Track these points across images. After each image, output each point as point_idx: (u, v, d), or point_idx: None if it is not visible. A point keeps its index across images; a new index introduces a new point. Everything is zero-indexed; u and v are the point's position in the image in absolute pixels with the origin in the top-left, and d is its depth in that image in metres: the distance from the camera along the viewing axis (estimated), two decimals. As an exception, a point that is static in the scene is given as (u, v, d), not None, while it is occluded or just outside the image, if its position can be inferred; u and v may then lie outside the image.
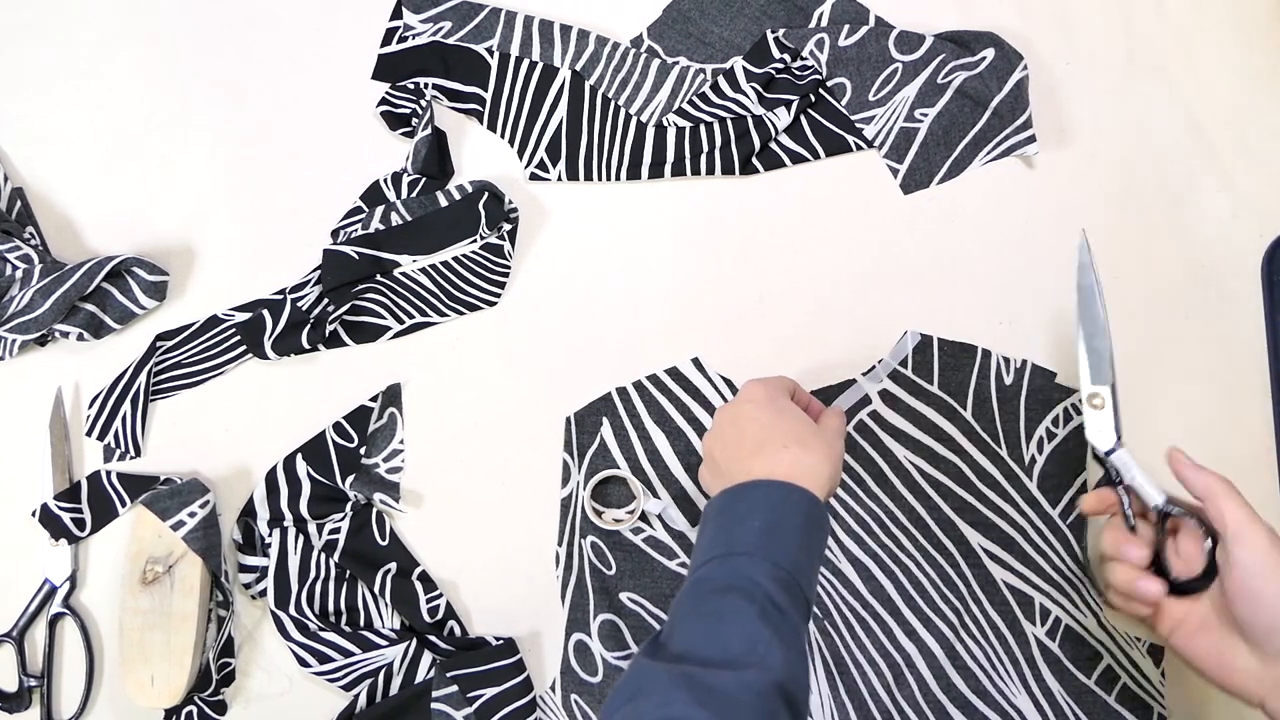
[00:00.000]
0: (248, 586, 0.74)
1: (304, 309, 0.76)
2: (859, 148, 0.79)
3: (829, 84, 0.79)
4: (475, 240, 0.78)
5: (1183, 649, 0.62)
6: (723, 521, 0.59)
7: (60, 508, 0.74)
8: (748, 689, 0.50)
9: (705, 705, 0.48)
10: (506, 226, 0.78)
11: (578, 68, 0.81)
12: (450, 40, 0.82)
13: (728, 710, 0.48)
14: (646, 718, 0.49)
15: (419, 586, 0.73)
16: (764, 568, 0.55)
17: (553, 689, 0.73)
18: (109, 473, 0.75)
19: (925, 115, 0.78)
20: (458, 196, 0.78)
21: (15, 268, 0.75)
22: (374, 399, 0.76)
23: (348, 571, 0.73)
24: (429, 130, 0.78)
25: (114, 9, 0.83)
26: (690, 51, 0.81)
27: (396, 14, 0.82)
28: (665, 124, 0.79)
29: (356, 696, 0.71)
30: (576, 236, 0.79)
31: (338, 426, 0.76)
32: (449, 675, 0.70)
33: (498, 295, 0.78)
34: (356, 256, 0.76)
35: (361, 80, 0.82)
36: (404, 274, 0.78)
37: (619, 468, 0.75)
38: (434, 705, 0.70)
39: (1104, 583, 0.66)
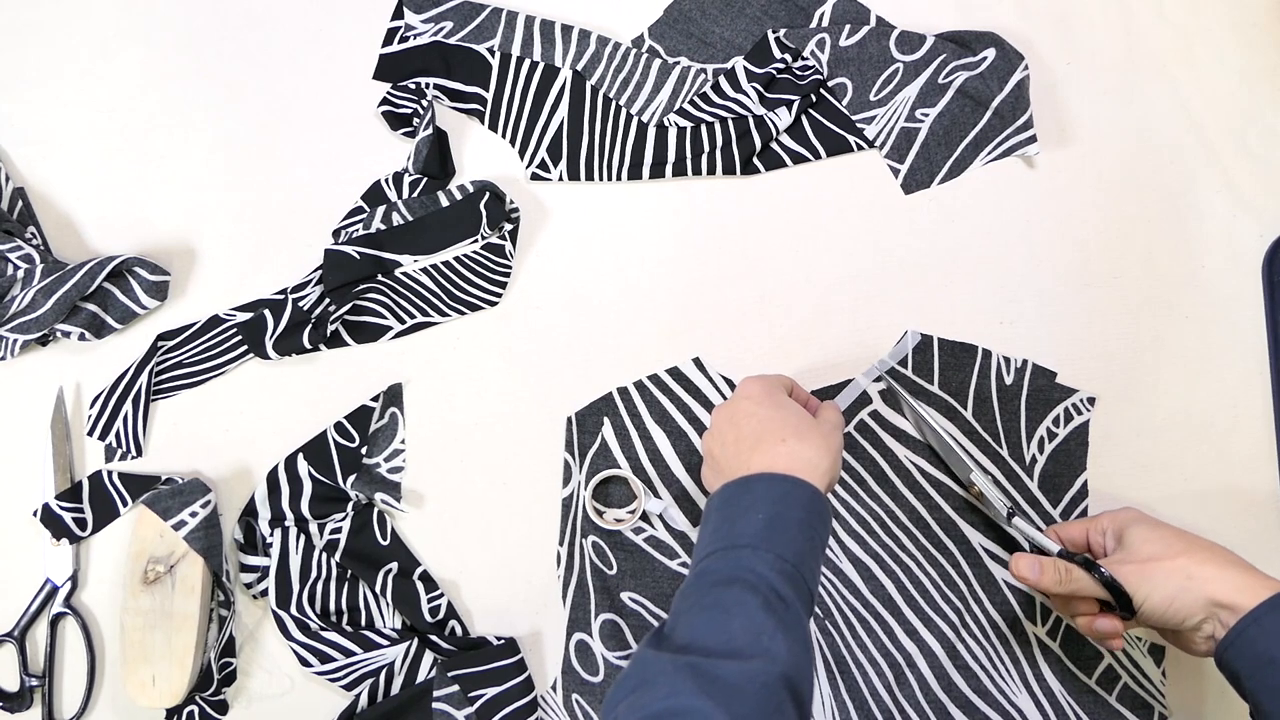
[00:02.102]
0: (249, 586, 0.74)
1: (305, 309, 0.76)
2: (860, 148, 0.79)
3: (830, 84, 0.79)
4: (476, 240, 0.78)
5: (1162, 636, 0.66)
6: (726, 514, 0.59)
7: (62, 507, 0.74)
8: (753, 679, 0.50)
9: (710, 695, 0.48)
10: (508, 226, 0.78)
11: (579, 68, 0.81)
12: (451, 40, 0.82)
13: (733, 700, 0.49)
14: (651, 708, 0.49)
15: (420, 586, 0.73)
16: (767, 560, 0.55)
17: (554, 689, 0.73)
18: (110, 472, 0.75)
19: (926, 115, 0.79)
20: (459, 196, 0.78)
21: (17, 267, 0.75)
22: (375, 399, 0.76)
23: (349, 571, 0.73)
24: (430, 130, 0.78)
25: (114, 9, 0.83)
26: (691, 51, 0.81)
27: (398, 14, 0.82)
28: (666, 124, 0.79)
29: (358, 696, 0.71)
30: (578, 236, 0.79)
31: (339, 426, 0.76)
32: (450, 675, 0.70)
33: (499, 295, 0.78)
34: (358, 256, 0.76)
35: (362, 80, 0.82)
36: (405, 274, 0.78)
37: (620, 467, 0.75)
38: (435, 705, 0.70)
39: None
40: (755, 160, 0.78)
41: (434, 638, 0.73)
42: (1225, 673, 0.59)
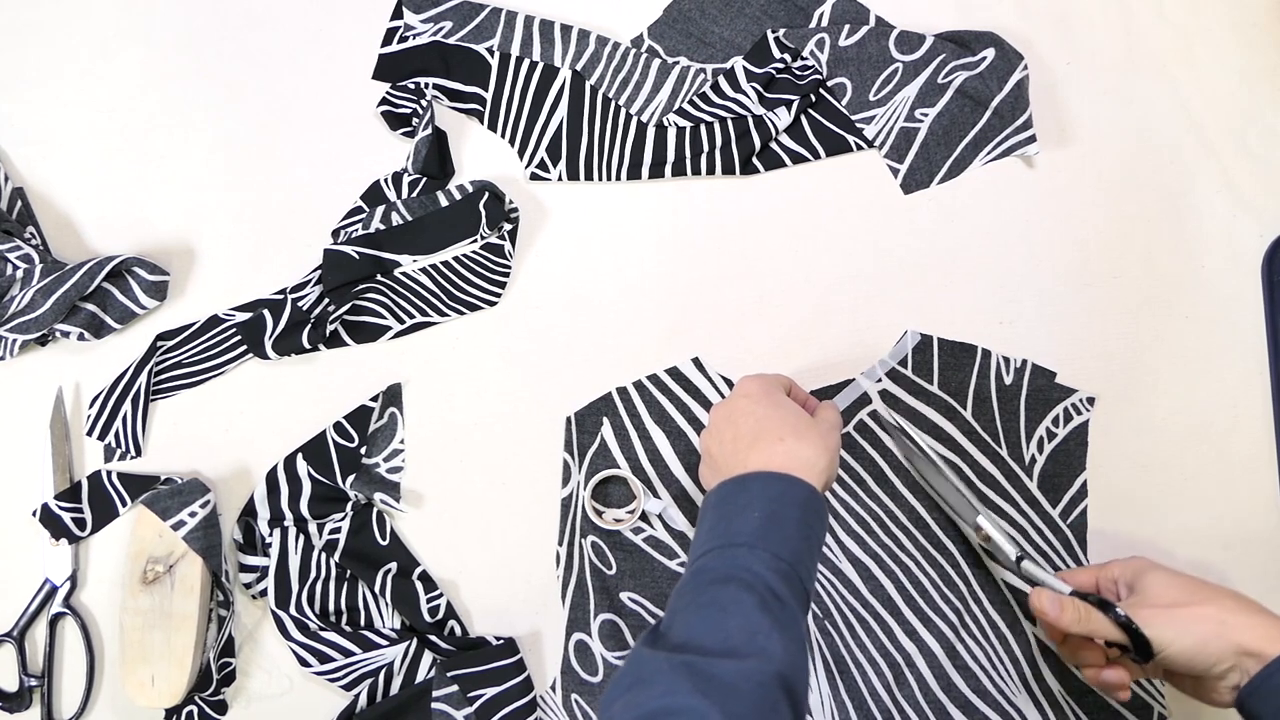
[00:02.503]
0: (248, 586, 0.74)
1: (304, 309, 0.76)
2: (859, 148, 0.79)
3: (829, 84, 0.79)
4: (476, 240, 0.78)
5: (1172, 685, 0.64)
6: (722, 513, 0.59)
7: (61, 507, 0.74)
8: (748, 678, 0.50)
9: (706, 694, 0.48)
10: (507, 226, 0.78)
11: (578, 68, 0.81)
12: (451, 40, 0.82)
13: (728, 699, 0.48)
14: (647, 706, 0.49)
15: (419, 586, 0.73)
16: (764, 558, 0.55)
17: (553, 688, 0.73)
18: (109, 472, 0.75)
19: (926, 115, 0.78)
20: (458, 196, 0.78)
21: (16, 267, 0.75)
22: (374, 399, 0.76)
23: (348, 571, 0.73)
24: (429, 130, 0.78)
25: (114, 9, 0.83)
26: (691, 51, 0.81)
27: (397, 14, 0.82)
28: (666, 124, 0.79)
29: (357, 696, 0.71)
30: (577, 236, 0.79)
31: (338, 426, 0.76)
32: (449, 675, 0.70)
33: (498, 295, 0.78)
34: (357, 256, 0.76)
35: (362, 80, 0.82)
36: (404, 274, 0.78)
37: (619, 467, 0.75)
38: (434, 705, 0.70)
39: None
40: (755, 160, 0.78)
41: (433, 638, 0.73)
42: (1246, 718, 0.58)
